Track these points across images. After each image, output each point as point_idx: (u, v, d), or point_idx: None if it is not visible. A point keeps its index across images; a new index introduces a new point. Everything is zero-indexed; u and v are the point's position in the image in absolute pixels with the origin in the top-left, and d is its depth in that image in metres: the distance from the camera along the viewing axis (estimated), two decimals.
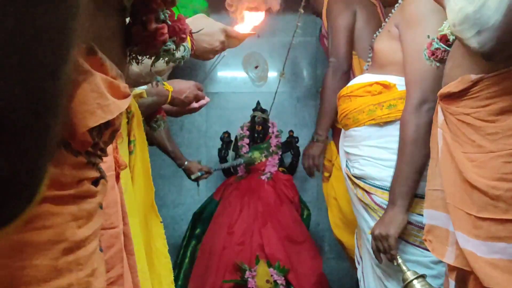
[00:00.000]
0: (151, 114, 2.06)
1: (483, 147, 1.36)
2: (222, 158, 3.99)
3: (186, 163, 3.32)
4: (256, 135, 3.89)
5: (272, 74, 4.13)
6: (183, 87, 2.11)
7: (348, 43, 2.88)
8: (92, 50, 0.71)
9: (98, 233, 0.81)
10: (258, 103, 3.98)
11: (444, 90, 1.48)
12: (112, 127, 0.78)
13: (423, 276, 1.84)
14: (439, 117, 1.54)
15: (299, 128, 4.19)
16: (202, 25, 1.50)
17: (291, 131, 4.10)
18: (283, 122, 4.12)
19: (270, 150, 3.90)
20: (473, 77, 1.37)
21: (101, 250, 0.84)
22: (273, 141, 3.93)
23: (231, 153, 4.04)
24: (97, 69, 0.72)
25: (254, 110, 3.98)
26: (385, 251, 1.93)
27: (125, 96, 0.78)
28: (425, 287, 1.81)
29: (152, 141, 3.12)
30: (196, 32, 1.46)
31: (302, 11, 3.36)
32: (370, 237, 2.00)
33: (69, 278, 0.72)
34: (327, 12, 3.03)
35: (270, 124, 3.97)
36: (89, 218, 0.77)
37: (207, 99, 2.22)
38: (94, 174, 0.79)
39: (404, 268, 1.88)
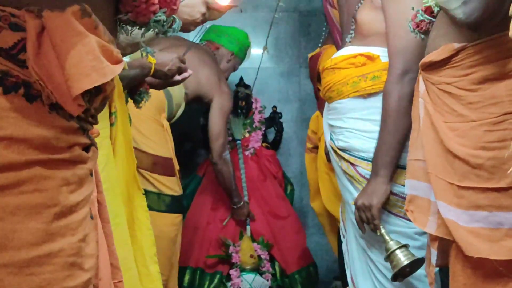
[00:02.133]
0: (134, 87, 2.04)
1: (464, 116, 1.37)
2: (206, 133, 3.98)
3: (242, 203, 3.46)
4: (239, 110, 3.88)
5: (255, 50, 4.11)
6: (166, 59, 2.09)
7: None
8: (86, 12, 0.71)
9: (89, 199, 0.81)
10: (242, 78, 3.96)
11: (426, 59, 1.48)
12: (104, 93, 0.78)
13: (405, 246, 1.85)
14: (421, 87, 1.54)
15: (283, 104, 4.19)
16: None
17: (274, 106, 4.10)
18: (266, 97, 4.11)
19: (254, 125, 3.90)
20: (456, 45, 1.38)
21: (92, 217, 0.85)
22: (257, 117, 3.92)
23: None
24: (90, 32, 0.71)
25: (237, 85, 3.96)
26: (368, 221, 1.94)
27: (118, 61, 0.78)
28: (408, 256, 1.82)
29: (217, 175, 3.32)
30: None
31: None
32: (354, 208, 2.02)
33: (61, 243, 0.72)
34: None
35: (253, 100, 3.96)
36: (80, 184, 0.77)
37: (190, 71, 2.20)
38: (85, 140, 0.79)
39: (387, 238, 1.89)
